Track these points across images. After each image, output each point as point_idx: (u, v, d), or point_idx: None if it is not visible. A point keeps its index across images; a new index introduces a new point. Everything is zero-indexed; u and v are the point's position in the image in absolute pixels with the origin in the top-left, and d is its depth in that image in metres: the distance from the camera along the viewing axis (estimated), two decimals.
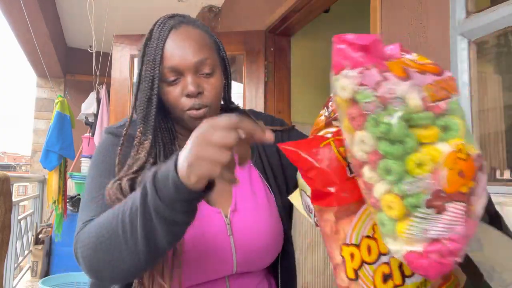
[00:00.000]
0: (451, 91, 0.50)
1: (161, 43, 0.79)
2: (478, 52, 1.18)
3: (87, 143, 3.75)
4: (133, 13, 3.68)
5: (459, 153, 0.47)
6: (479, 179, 0.48)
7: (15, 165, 26.84)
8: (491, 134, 1.23)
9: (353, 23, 2.91)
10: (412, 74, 0.48)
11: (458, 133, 0.48)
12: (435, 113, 0.48)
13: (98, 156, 0.84)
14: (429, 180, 0.46)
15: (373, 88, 0.47)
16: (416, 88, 0.47)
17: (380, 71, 0.47)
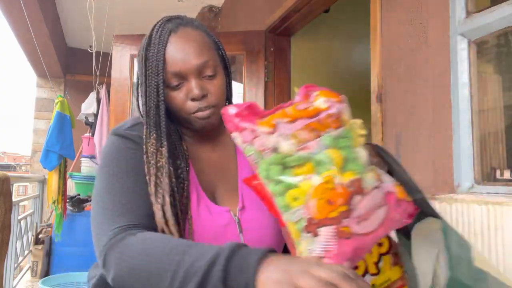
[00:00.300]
0: (325, 128, 0.62)
1: (162, 48, 0.79)
2: (478, 52, 1.18)
3: (87, 143, 3.75)
4: (133, 13, 3.68)
5: (327, 184, 0.57)
6: (355, 202, 0.58)
7: (15, 165, 26.83)
8: (491, 134, 1.23)
9: (353, 23, 2.92)
10: (280, 126, 0.61)
11: (330, 165, 0.58)
12: (307, 152, 0.59)
13: (111, 158, 0.81)
14: (303, 210, 0.57)
15: (250, 143, 0.60)
16: (283, 138, 0.60)
17: (252, 130, 0.60)
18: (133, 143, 0.81)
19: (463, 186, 1.14)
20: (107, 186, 0.77)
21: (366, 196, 0.59)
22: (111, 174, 0.78)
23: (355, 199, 0.58)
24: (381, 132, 1.38)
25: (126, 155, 0.80)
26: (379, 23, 1.41)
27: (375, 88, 1.41)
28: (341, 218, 0.57)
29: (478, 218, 0.97)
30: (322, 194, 0.57)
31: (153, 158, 0.78)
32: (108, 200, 0.76)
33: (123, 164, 0.79)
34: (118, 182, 0.77)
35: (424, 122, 1.21)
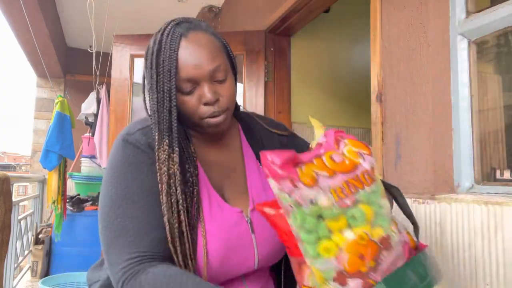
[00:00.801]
0: (361, 184, 0.66)
1: (173, 53, 0.79)
2: (478, 52, 1.18)
3: (87, 143, 3.75)
4: (133, 13, 3.68)
5: (360, 240, 0.62)
6: (382, 257, 0.63)
7: (15, 165, 26.82)
8: (491, 134, 1.23)
9: (353, 23, 2.91)
10: (321, 179, 0.65)
11: (363, 221, 0.64)
12: (343, 208, 0.63)
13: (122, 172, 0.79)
14: (334, 262, 0.61)
15: (289, 194, 0.63)
16: (323, 192, 0.63)
17: (292, 181, 0.63)
18: (144, 154, 0.80)
19: (463, 186, 1.14)
20: (119, 208, 0.76)
21: (392, 251, 0.65)
22: (122, 194, 0.77)
23: (383, 255, 0.63)
24: (381, 132, 1.38)
25: (138, 171, 0.79)
26: (379, 23, 1.41)
27: (375, 88, 1.41)
28: (369, 272, 0.62)
29: (478, 218, 0.97)
30: (355, 249, 0.62)
31: (165, 165, 0.78)
32: (119, 223, 0.75)
33: (135, 184, 0.78)
34: (130, 204, 0.76)
35: (424, 122, 1.21)
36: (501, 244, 0.91)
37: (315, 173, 0.65)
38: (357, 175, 0.67)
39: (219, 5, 3.49)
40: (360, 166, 0.69)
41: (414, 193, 1.21)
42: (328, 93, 2.83)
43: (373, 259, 0.62)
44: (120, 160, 0.80)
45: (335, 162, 0.68)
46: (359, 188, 0.66)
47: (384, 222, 0.66)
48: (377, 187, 0.69)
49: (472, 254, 0.98)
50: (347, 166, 0.68)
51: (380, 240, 0.64)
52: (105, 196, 0.79)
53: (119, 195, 0.77)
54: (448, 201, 1.06)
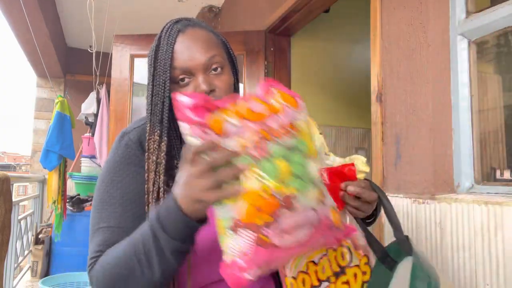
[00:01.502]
0: (272, 137, 0.63)
1: (170, 47, 0.80)
2: (478, 52, 1.18)
3: (87, 143, 3.75)
4: (133, 13, 3.68)
5: (262, 192, 0.60)
6: (282, 216, 0.60)
7: (15, 165, 26.82)
8: (491, 134, 1.23)
9: (353, 23, 2.92)
10: (230, 127, 0.62)
11: (273, 177, 0.60)
12: (254, 158, 0.61)
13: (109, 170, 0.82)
14: (233, 210, 0.60)
15: (198, 139, 0.62)
16: (230, 140, 0.61)
17: (202, 127, 0.62)
18: (133, 155, 0.82)
19: (463, 186, 1.14)
20: (100, 206, 0.80)
21: (295, 213, 0.62)
22: (105, 192, 0.80)
23: (283, 213, 0.60)
24: (381, 132, 1.38)
25: (124, 173, 0.81)
26: (379, 23, 1.41)
27: (375, 88, 1.41)
28: (264, 226, 0.59)
29: (478, 218, 0.97)
30: (254, 200, 0.59)
31: (154, 154, 0.80)
32: (99, 216, 0.80)
33: (117, 184, 0.80)
34: (109, 204, 0.79)
35: (424, 122, 1.21)
36: (501, 244, 0.91)
37: (226, 120, 0.63)
38: (271, 128, 0.63)
39: (219, 5, 3.49)
40: (278, 119, 0.65)
41: (414, 193, 1.21)
42: (328, 93, 2.84)
43: (270, 214, 0.60)
44: (111, 158, 0.84)
45: (252, 111, 0.65)
46: (269, 140, 0.63)
47: (299, 185, 0.62)
48: (301, 145, 0.65)
49: (472, 254, 0.98)
50: (262, 116, 0.64)
51: (284, 197, 0.60)
52: (96, 192, 0.83)
53: (102, 192, 0.81)
54: (448, 201, 1.06)
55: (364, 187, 0.76)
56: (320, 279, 0.74)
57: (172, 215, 0.65)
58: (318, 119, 0.79)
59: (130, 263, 0.69)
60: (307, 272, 0.73)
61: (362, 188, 0.75)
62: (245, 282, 0.59)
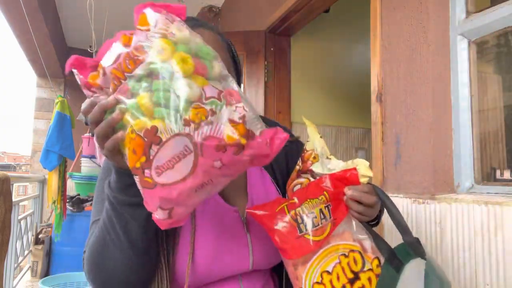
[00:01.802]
0: (125, 72, 0.59)
1: None
2: (478, 52, 1.18)
3: (87, 143, 3.75)
4: (133, 13, 3.68)
5: (131, 134, 0.57)
6: (152, 152, 0.56)
7: (15, 165, 26.82)
8: (491, 134, 1.23)
9: (353, 23, 2.92)
10: (102, 81, 0.62)
11: (136, 113, 0.57)
12: (121, 99, 0.58)
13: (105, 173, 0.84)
14: (126, 156, 0.58)
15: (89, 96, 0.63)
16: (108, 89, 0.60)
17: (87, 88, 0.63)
18: None
19: (463, 186, 1.14)
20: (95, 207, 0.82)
21: (164, 146, 0.56)
22: (99, 194, 0.82)
23: (152, 149, 0.56)
24: (381, 132, 1.38)
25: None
26: (379, 23, 1.41)
27: (375, 88, 1.41)
28: (143, 168, 0.57)
29: (478, 218, 0.97)
30: (129, 143, 0.57)
31: None
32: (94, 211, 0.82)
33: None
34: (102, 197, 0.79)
35: (424, 122, 1.21)
36: (501, 244, 0.91)
37: (100, 71, 0.62)
38: (121, 63, 0.59)
39: (219, 5, 3.49)
40: (127, 50, 0.61)
41: (414, 193, 1.21)
42: (328, 93, 2.84)
43: (143, 154, 0.56)
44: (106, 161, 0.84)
45: (111, 53, 0.64)
46: (124, 78, 0.59)
47: (166, 114, 0.56)
48: (159, 68, 0.58)
49: (472, 254, 0.98)
50: (114, 54, 0.62)
51: (143, 132, 0.56)
52: (95, 189, 0.85)
53: (97, 190, 0.83)
54: (448, 201, 1.06)
55: (367, 191, 0.75)
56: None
57: (110, 171, 0.70)
58: (318, 119, 0.80)
59: (101, 235, 0.71)
60: (322, 283, 0.72)
61: (361, 192, 0.75)
62: (164, 223, 0.59)
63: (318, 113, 2.73)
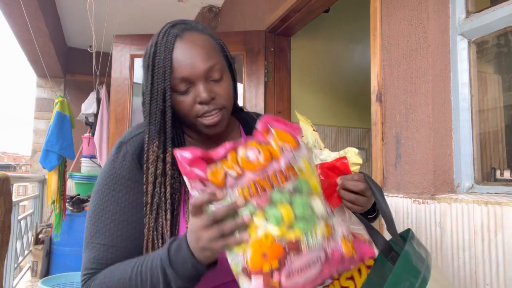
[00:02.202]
0: (275, 183, 0.65)
1: (168, 54, 0.79)
2: (478, 52, 1.18)
3: (87, 143, 3.75)
4: (133, 13, 3.68)
5: (266, 239, 0.62)
6: (289, 260, 0.63)
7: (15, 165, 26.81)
8: (491, 134, 1.23)
9: (353, 23, 2.92)
10: (229, 179, 0.65)
11: (278, 222, 0.63)
12: (258, 205, 0.63)
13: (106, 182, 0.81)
14: (241, 257, 0.63)
15: (200, 192, 0.65)
16: (231, 192, 0.64)
17: (202, 181, 0.65)
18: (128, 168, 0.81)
19: (463, 186, 1.14)
20: (93, 219, 0.80)
21: (302, 255, 0.64)
22: (99, 207, 0.80)
23: (289, 257, 0.63)
24: (381, 132, 1.38)
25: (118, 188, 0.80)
26: (379, 23, 1.41)
27: (375, 88, 1.41)
28: (272, 272, 0.62)
29: (478, 218, 0.97)
30: (260, 247, 0.62)
31: (153, 165, 0.79)
32: (92, 230, 0.80)
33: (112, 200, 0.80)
34: (102, 219, 0.79)
35: (424, 122, 1.21)
36: (501, 244, 0.91)
37: (225, 171, 0.65)
38: (270, 175, 0.66)
39: (219, 5, 3.49)
40: (276, 165, 0.67)
41: (414, 193, 1.21)
42: (328, 93, 2.84)
43: (277, 259, 0.62)
44: (107, 170, 0.82)
45: (249, 160, 0.67)
46: (269, 189, 0.65)
47: (305, 225, 0.65)
48: (303, 185, 0.67)
49: (472, 254, 0.98)
50: (260, 165, 0.66)
51: (287, 243, 0.63)
52: (91, 202, 0.83)
53: (96, 205, 0.80)
54: (448, 201, 1.06)
55: (358, 179, 0.75)
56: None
57: (182, 254, 0.67)
58: (318, 119, 0.80)
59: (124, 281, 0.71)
60: None
61: (351, 180, 0.75)
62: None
63: (318, 113, 2.73)
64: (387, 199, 1.29)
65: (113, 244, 0.77)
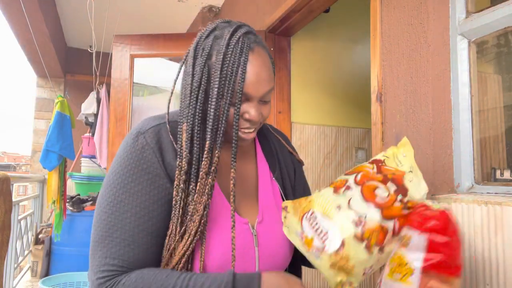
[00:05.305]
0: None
1: (243, 66, 0.76)
2: (478, 52, 1.18)
3: (87, 143, 3.75)
4: (133, 13, 3.68)
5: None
6: None
7: (15, 165, 26.81)
8: (491, 134, 1.23)
9: (353, 23, 2.91)
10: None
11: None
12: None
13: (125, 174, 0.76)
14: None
15: None
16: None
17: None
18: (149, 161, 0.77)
19: (463, 186, 1.14)
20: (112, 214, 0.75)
21: None
22: (117, 200, 0.75)
23: None
24: (381, 132, 1.38)
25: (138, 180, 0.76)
26: (379, 23, 1.41)
27: (375, 88, 1.41)
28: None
29: (478, 218, 0.97)
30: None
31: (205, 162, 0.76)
32: (109, 222, 0.74)
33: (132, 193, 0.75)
34: (122, 213, 0.74)
35: (424, 122, 1.21)
36: (501, 244, 0.91)
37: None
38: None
39: (219, 5, 3.49)
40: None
41: None
42: (328, 93, 2.83)
43: None
44: (123, 159, 0.78)
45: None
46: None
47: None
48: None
49: (472, 254, 0.98)
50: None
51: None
52: (103, 195, 0.77)
53: (112, 196, 0.75)
54: (448, 201, 1.06)
55: None
56: None
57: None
58: (318, 119, 0.80)
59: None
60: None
61: None
62: None
63: (318, 113, 2.73)
64: None
65: (134, 239, 0.73)
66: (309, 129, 2.63)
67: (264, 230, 0.85)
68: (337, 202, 0.76)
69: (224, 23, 0.82)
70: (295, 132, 2.58)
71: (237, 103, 0.77)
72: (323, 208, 0.77)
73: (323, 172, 2.66)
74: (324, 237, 0.74)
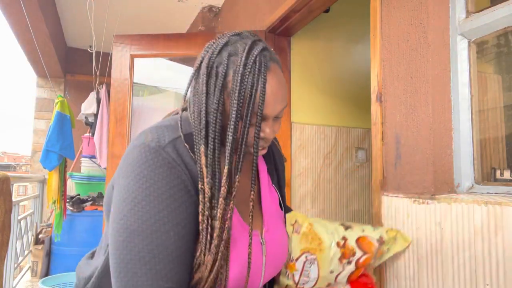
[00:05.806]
0: None
1: (262, 88, 0.75)
2: (478, 52, 1.18)
3: (87, 143, 3.75)
4: (133, 13, 3.68)
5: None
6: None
7: (15, 165, 26.80)
8: (491, 134, 1.23)
9: (353, 23, 2.91)
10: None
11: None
12: None
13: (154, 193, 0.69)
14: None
15: None
16: None
17: None
18: (178, 177, 0.71)
19: (463, 186, 1.14)
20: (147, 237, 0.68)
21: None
22: (152, 222, 0.68)
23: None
24: (381, 132, 1.38)
25: (172, 197, 0.70)
26: (379, 23, 1.41)
27: (375, 88, 1.41)
28: None
29: (478, 218, 0.97)
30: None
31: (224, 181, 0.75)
32: (152, 247, 0.67)
33: (167, 212, 0.69)
34: (160, 233, 0.68)
35: (424, 122, 1.21)
36: (501, 244, 0.91)
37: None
38: None
39: (219, 5, 3.49)
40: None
41: (414, 193, 1.21)
42: (328, 93, 2.83)
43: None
44: (152, 178, 0.70)
45: None
46: None
47: None
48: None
49: (472, 254, 0.98)
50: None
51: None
52: (127, 216, 0.69)
53: (151, 219, 0.68)
54: (448, 201, 1.06)
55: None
56: None
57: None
58: (318, 119, 0.81)
59: None
60: None
61: None
62: None
63: (318, 113, 2.73)
64: (388, 199, 1.29)
65: (181, 260, 0.69)
66: (309, 129, 2.63)
67: (270, 239, 0.86)
68: (335, 268, 0.98)
69: (235, 36, 0.81)
70: (295, 132, 2.58)
71: (257, 125, 0.74)
72: (323, 263, 0.96)
73: (323, 172, 2.66)
74: (306, 278, 0.95)
